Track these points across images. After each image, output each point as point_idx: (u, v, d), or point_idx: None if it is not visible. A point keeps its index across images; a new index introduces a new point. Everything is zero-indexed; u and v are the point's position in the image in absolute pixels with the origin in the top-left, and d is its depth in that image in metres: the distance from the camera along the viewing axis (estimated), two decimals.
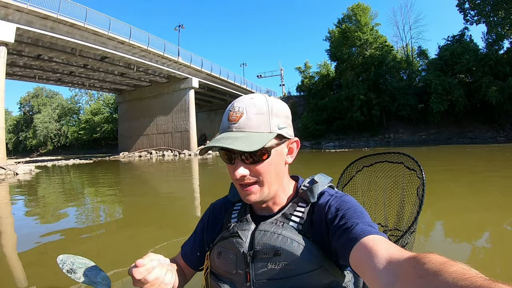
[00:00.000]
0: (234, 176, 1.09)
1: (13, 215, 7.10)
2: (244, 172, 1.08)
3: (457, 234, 4.40)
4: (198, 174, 16.69)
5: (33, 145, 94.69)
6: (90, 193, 10.38)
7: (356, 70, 49.94)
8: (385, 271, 0.76)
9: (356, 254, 0.89)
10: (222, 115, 1.14)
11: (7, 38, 22.15)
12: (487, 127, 41.29)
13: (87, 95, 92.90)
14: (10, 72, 33.15)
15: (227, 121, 1.09)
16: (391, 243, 0.86)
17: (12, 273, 3.42)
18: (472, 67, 41.71)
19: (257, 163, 1.09)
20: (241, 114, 1.07)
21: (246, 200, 1.13)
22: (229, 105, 1.14)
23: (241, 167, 1.08)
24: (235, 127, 1.06)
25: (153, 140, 46.28)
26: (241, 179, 1.09)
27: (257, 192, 1.12)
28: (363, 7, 50.16)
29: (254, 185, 1.11)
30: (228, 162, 1.12)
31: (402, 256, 0.76)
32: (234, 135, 1.04)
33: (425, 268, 0.64)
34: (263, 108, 1.10)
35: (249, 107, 1.08)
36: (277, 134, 1.09)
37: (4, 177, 16.65)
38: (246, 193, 1.12)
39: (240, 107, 1.09)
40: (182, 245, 1.44)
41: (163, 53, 36.26)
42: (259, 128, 1.07)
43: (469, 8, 44.39)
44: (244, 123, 1.06)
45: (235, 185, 1.16)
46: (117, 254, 3.99)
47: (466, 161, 15.70)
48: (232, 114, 1.09)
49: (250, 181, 1.10)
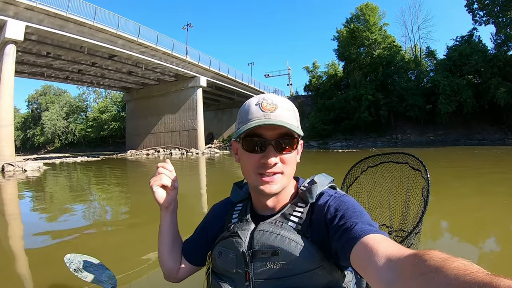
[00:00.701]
0: (265, 163, 1.11)
1: (21, 211, 7.19)
2: (276, 160, 1.11)
3: (463, 235, 4.42)
4: (205, 172, 16.77)
5: (41, 142, 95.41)
6: (97, 190, 10.46)
7: (364, 70, 49.71)
8: (386, 269, 0.75)
9: (356, 253, 0.90)
10: (230, 114, 1.20)
11: (17, 36, 22.34)
12: (495, 128, 40.93)
13: (95, 93, 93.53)
14: (19, 69, 33.37)
15: (261, 111, 1.11)
16: (391, 241, 0.87)
17: (19, 272, 3.45)
18: (481, 68, 41.27)
19: (287, 152, 1.13)
20: (276, 106, 1.12)
21: (267, 190, 1.13)
22: (251, 100, 1.19)
23: (274, 154, 1.11)
24: (273, 116, 1.10)
25: (161, 138, 46.47)
26: (269, 167, 1.11)
27: (278, 183, 1.14)
28: (371, 6, 49.93)
29: (278, 175, 1.13)
30: (253, 150, 1.13)
31: (402, 254, 0.75)
32: (277, 121, 1.09)
33: (427, 264, 0.63)
34: (291, 106, 1.17)
35: (280, 103, 1.14)
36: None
37: (13, 174, 16.77)
38: (266, 182, 1.12)
39: (272, 100, 1.13)
40: (184, 241, 1.51)
41: (172, 51, 36.34)
42: (292, 121, 1.13)
43: (478, 8, 43.97)
44: (281, 114, 1.11)
45: (252, 176, 1.16)
46: (123, 253, 4.00)
47: (474, 162, 15.65)
48: (266, 105, 1.12)
49: (277, 171, 1.13)
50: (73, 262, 2.41)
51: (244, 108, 1.17)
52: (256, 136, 1.12)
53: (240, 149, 1.18)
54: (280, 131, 1.11)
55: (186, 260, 1.44)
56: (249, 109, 1.14)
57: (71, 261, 2.44)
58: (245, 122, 1.12)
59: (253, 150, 1.13)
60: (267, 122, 1.07)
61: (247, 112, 1.14)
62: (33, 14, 23.23)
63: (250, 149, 1.14)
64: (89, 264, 2.45)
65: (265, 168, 1.11)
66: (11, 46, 22.44)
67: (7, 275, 3.31)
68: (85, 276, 2.31)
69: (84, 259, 2.50)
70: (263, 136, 1.11)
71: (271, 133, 1.11)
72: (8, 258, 3.89)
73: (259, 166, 1.12)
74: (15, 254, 4.11)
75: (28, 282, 3.19)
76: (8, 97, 22.01)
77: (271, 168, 1.11)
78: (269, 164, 1.10)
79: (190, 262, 1.44)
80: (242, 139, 1.14)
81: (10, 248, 4.33)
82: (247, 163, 1.15)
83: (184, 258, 1.45)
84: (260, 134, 1.11)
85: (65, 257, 2.47)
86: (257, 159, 1.12)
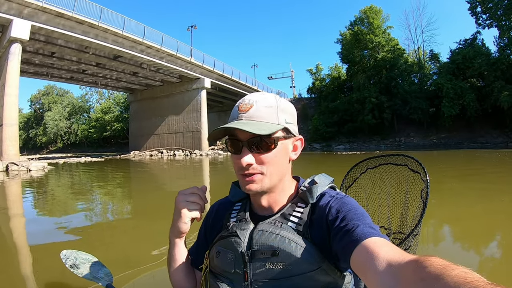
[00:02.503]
0: (239, 164, 1.11)
1: (24, 210, 7.23)
2: (250, 160, 1.10)
3: (464, 240, 4.42)
4: (208, 173, 16.86)
5: (43, 142, 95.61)
6: (101, 191, 10.51)
7: (367, 73, 49.64)
8: (386, 274, 0.75)
9: (357, 256, 0.89)
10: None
11: (22, 35, 22.42)
12: (498, 132, 40.72)
13: (98, 94, 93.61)
14: (24, 69, 33.23)
15: (237, 112, 1.13)
16: (393, 245, 0.87)
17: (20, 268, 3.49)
18: (484, 71, 41.17)
19: (263, 152, 1.11)
20: (251, 105, 1.12)
21: (246, 189, 1.14)
22: (239, 100, 1.19)
23: (248, 154, 1.10)
24: (245, 116, 1.10)
25: (164, 139, 46.52)
26: (246, 167, 1.11)
27: (258, 182, 1.12)
28: (375, 9, 49.94)
29: (257, 175, 1.12)
30: (234, 151, 1.14)
31: (403, 259, 0.75)
32: (243, 122, 1.09)
33: (427, 271, 0.64)
34: (272, 102, 1.15)
35: (258, 100, 1.13)
36: (284, 127, 1.13)
37: (17, 173, 16.83)
38: (247, 182, 1.12)
39: (250, 100, 1.14)
40: (189, 249, 1.45)
41: (176, 53, 36.41)
42: (268, 119, 1.11)
43: (481, 11, 43.93)
44: (253, 113, 1.11)
45: (238, 176, 1.17)
46: (122, 251, 4.03)
47: (476, 165, 15.71)
48: (242, 105, 1.13)
49: (254, 171, 1.11)
50: (69, 258, 2.45)
51: (233, 107, 1.19)
52: (232, 137, 1.13)
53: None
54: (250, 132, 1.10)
55: (197, 269, 1.40)
56: (233, 109, 1.16)
57: (67, 257, 2.47)
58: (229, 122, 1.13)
59: (233, 151, 1.14)
60: (230, 125, 1.07)
61: (232, 112, 1.17)
62: (39, 14, 23.31)
63: (231, 150, 1.15)
64: (85, 261, 2.46)
65: (242, 169, 1.12)
66: (16, 45, 22.53)
67: (8, 272, 3.36)
68: (81, 272, 2.34)
69: (80, 255, 2.53)
70: (237, 137, 1.12)
71: (243, 133, 1.10)
72: (10, 255, 3.94)
73: (239, 167, 1.13)
74: (16, 251, 4.17)
75: (28, 278, 3.24)
76: (13, 96, 22.11)
77: (248, 169, 1.11)
78: (242, 164, 1.10)
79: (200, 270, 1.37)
80: (227, 140, 1.16)
81: (12, 246, 4.39)
82: (233, 164, 1.16)
83: (194, 267, 1.41)
84: (234, 135, 1.12)
85: (61, 253, 2.52)
86: (236, 160, 1.13)
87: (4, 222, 5.83)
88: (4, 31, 23.11)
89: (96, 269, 2.41)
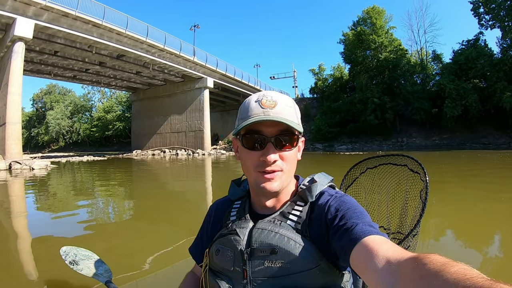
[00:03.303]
0: (263, 160, 1.10)
1: (26, 208, 7.23)
2: (276, 157, 1.10)
3: (461, 237, 4.46)
4: (211, 172, 16.92)
5: (45, 141, 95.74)
6: (104, 189, 10.55)
7: (370, 73, 49.47)
8: (386, 271, 0.75)
9: (356, 254, 0.89)
10: (235, 116, 1.18)
11: (26, 34, 22.45)
12: (500, 133, 40.58)
13: (100, 93, 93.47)
14: (27, 68, 33.36)
15: (260, 107, 1.11)
16: (392, 243, 0.87)
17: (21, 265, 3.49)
18: (487, 72, 41.03)
19: (287, 150, 1.13)
20: (275, 103, 1.12)
21: (267, 188, 1.12)
22: (251, 97, 1.18)
23: (274, 151, 1.10)
24: (273, 112, 1.09)
25: (167, 138, 46.55)
26: (268, 164, 1.10)
27: (278, 180, 1.13)
28: (378, 10, 49.72)
29: (278, 172, 1.12)
30: (253, 147, 1.13)
31: (402, 257, 0.75)
32: (280, 118, 1.09)
33: (426, 268, 0.64)
34: (290, 102, 1.17)
35: (279, 98, 1.14)
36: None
37: (20, 172, 16.80)
38: (266, 180, 1.12)
39: (271, 97, 1.14)
40: (189, 247, 1.48)
41: (179, 52, 36.40)
42: (291, 118, 1.12)
43: (484, 12, 43.64)
44: (281, 111, 1.11)
45: (252, 174, 1.15)
46: (122, 249, 4.03)
47: (477, 166, 15.72)
48: (265, 101, 1.12)
49: (276, 168, 1.12)
50: (69, 255, 2.48)
51: (244, 105, 1.17)
52: (255, 133, 1.12)
53: (240, 146, 1.18)
54: (279, 128, 1.11)
55: (198, 265, 1.42)
56: (249, 105, 1.14)
57: (66, 254, 2.50)
58: (245, 119, 1.11)
59: (252, 147, 1.13)
60: (266, 118, 1.07)
61: (247, 109, 1.14)
62: (43, 13, 23.31)
63: (250, 146, 1.13)
64: (85, 257, 2.49)
65: (264, 166, 1.11)
66: (20, 44, 22.56)
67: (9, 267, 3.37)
68: (81, 268, 2.36)
69: (80, 252, 2.56)
70: (262, 133, 1.11)
71: (270, 129, 1.11)
72: (11, 251, 3.96)
73: (259, 163, 1.12)
74: (17, 247, 4.19)
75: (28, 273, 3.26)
76: (16, 95, 22.12)
77: (271, 165, 1.11)
78: (268, 161, 1.10)
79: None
80: (242, 136, 1.14)
81: (13, 242, 4.41)
82: (247, 161, 1.15)
83: (197, 264, 1.43)
84: (260, 131, 1.11)
85: (60, 250, 2.55)
86: (257, 157, 1.12)
87: (6, 219, 5.84)
88: (8, 30, 23.12)
89: (96, 265, 2.43)
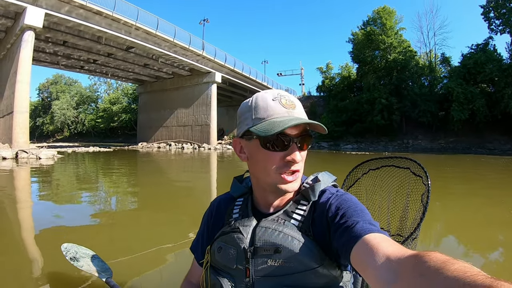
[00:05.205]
0: (289, 161, 1.09)
1: (31, 198, 7.24)
2: (300, 158, 1.11)
3: (462, 239, 4.46)
4: (216, 166, 17.09)
5: (50, 131, 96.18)
6: (111, 181, 10.60)
7: (378, 73, 49.38)
8: (386, 269, 0.76)
9: (357, 252, 0.89)
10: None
11: (36, 23, 22.35)
12: (506, 138, 40.41)
13: (106, 84, 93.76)
14: (35, 57, 33.21)
15: (282, 107, 1.09)
16: (392, 241, 0.87)
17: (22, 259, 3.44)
18: (495, 77, 40.85)
19: (304, 150, 1.14)
20: (293, 103, 1.12)
21: (289, 189, 1.13)
22: (265, 95, 1.14)
23: (298, 151, 1.10)
24: (296, 113, 1.10)
25: (173, 132, 46.59)
26: (293, 165, 1.10)
27: (297, 180, 1.14)
28: (388, 10, 49.53)
29: (298, 173, 1.13)
30: (277, 148, 1.09)
31: (403, 254, 0.75)
32: (306, 119, 1.09)
33: (427, 266, 0.64)
34: (300, 103, 1.17)
35: (295, 100, 1.15)
36: None
37: (27, 161, 16.90)
38: (290, 182, 1.12)
39: (289, 97, 1.13)
40: (191, 247, 1.45)
41: (189, 46, 36.31)
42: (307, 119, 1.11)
43: (494, 17, 43.47)
44: (301, 111, 1.13)
45: (273, 175, 1.12)
46: (122, 247, 3.98)
47: (481, 171, 15.66)
48: (285, 102, 1.10)
49: (298, 168, 1.12)
50: (70, 251, 2.51)
51: (258, 103, 1.12)
52: (281, 134, 1.08)
53: (254, 147, 1.14)
54: (301, 129, 1.11)
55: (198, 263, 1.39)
56: (267, 105, 1.10)
57: (67, 250, 2.54)
58: (267, 119, 1.08)
59: (276, 148, 1.10)
60: (301, 121, 1.06)
61: (266, 108, 1.10)
62: (53, 2, 23.24)
63: (276, 147, 1.10)
64: (85, 255, 2.53)
65: (289, 167, 1.10)
66: (29, 32, 22.53)
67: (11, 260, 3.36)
68: (81, 265, 2.40)
69: (81, 250, 2.60)
70: (288, 134, 1.09)
71: (293, 130, 1.09)
72: (13, 243, 3.94)
73: (283, 164, 1.10)
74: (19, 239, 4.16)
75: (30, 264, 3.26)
76: (25, 83, 22.25)
77: (295, 165, 1.11)
78: (295, 162, 1.10)
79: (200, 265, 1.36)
80: (263, 137, 1.09)
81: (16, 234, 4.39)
82: (267, 162, 1.11)
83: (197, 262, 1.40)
84: (285, 132, 1.08)
85: (62, 246, 2.59)
86: (279, 158, 1.10)
87: (11, 209, 5.86)
88: (17, 19, 23.13)
89: (96, 263, 2.47)
